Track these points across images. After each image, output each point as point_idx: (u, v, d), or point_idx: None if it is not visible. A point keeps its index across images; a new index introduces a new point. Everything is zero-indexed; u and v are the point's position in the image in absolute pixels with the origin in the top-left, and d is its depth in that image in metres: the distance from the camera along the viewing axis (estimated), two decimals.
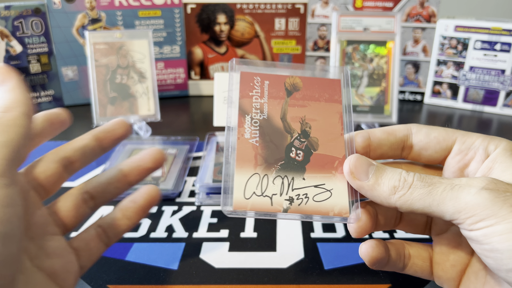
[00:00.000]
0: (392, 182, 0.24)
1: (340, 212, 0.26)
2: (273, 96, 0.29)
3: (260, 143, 0.27)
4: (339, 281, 0.36)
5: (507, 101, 0.77)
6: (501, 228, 0.21)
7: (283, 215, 0.26)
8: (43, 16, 0.74)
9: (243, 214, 0.26)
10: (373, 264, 0.27)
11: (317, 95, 0.30)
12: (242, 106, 0.28)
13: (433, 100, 0.83)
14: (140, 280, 0.36)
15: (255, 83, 0.29)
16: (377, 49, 0.67)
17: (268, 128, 0.28)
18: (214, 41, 0.83)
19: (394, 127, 0.28)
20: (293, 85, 0.30)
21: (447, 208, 0.22)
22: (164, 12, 0.79)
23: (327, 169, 0.27)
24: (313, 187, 0.26)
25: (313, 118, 0.29)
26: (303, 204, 0.26)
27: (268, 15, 0.81)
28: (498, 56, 0.75)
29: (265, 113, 0.28)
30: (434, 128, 0.28)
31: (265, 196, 0.26)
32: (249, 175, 0.26)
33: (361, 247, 0.27)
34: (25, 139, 0.22)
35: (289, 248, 0.41)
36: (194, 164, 0.57)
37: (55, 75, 0.78)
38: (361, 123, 0.68)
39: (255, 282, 0.36)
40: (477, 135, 0.26)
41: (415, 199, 0.23)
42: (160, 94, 0.84)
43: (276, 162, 0.27)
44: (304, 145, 0.28)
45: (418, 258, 0.29)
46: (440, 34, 0.78)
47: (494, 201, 0.21)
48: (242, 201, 0.25)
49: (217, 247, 0.41)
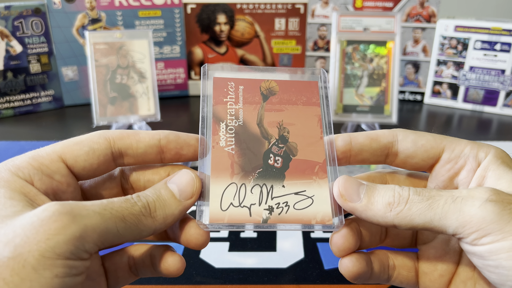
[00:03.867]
0: (386, 199, 0.23)
1: (322, 220, 0.25)
2: (249, 101, 0.28)
3: (236, 151, 0.26)
4: (339, 281, 0.36)
5: (507, 101, 0.77)
6: (508, 245, 0.20)
7: (264, 226, 0.24)
8: (43, 16, 0.74)
9: (219, 227, 0.24)
10: (354, 280, 0.26)
11: (294, 98, 0.29)
12: (216, 113, 0.27)
13: (433, 100, 0.83)
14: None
15: (229, 88, 0.28)
16: (377, 49, 0.67)
17: (244, 135, 0.27)
18: (214, 41, 0.83)
19: (379, 132, 0.27)
20: (269, 89, 0.29)
21: (450, 223, 0.21)
22: (164, 12, 0.79)
23: (308, 174, 0.26)
24: (294, 195, 0.25)
25: (291, 122, 0.28)
26: (283, 213, 0.25)
27: (268, 15, 0.81)
28: (498, 56, 0.75)
29: (240, 119, 0.27)
30: (421, 135, 0.26)
31: (243, 207, 0.24)
32: (225, 185, 0.25)
33: (340, 263, 0.26)
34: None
35: (289, 248, 0.41)
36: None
37: (55, 75, 0.78)
38: (361, 123, 0.68)
39: (255, 282, 0.36)
40: (466, 142, 0.26)
41: (415, 214, 0.22)
42: (160, 94, 0.84)
43: (254, 170, 0.26)
44: (282, 150, 0.27)
45: (403, 268, 0.27)
46: (440, 34, 0.78)
47: (500, 215, 0.20)
48: (218, 213, 0.24)
49: (217, 247, 0.41)
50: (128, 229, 0.21)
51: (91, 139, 0.24)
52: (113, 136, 0.25)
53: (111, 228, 0.20)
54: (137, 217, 0.22)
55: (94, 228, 0.19)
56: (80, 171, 0.24)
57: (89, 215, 0.20)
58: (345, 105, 0.67)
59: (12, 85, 0.75)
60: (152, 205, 0.23)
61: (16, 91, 0.75)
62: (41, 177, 0.22)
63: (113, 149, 0.25)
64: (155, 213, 0.22)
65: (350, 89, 0.67)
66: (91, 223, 0.19)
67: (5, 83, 0.74)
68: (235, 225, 0.24)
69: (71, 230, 0.19)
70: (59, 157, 0.23)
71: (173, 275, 0.26)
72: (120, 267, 0.26)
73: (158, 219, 0.23)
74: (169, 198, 0.23)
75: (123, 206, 0.21)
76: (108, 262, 0.26)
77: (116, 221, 0.20)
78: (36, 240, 0.18)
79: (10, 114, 0.76)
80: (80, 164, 0.24)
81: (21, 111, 0.77)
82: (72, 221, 0.19)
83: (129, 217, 0.21)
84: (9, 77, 0.74)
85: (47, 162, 0.23)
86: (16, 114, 0.76)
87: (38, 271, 0.18)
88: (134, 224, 0.21)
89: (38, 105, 0.78)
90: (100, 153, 0.24)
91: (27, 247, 0.18)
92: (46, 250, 0.18)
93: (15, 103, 0.76)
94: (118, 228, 0.20)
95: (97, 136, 0.24)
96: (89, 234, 0.19)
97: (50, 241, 0.18)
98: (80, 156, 0.24)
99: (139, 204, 0.22)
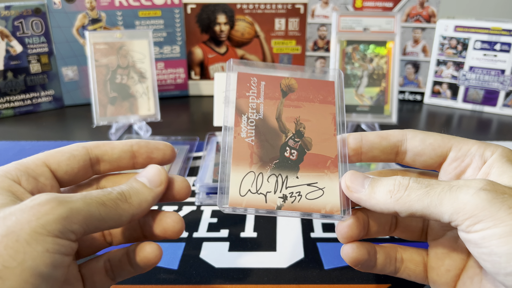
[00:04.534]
0: (387, 187, 0.25)
1: (331, 210, 0.27)
2: (269, 96, 0.30)
3: (256, 142, 0.28)
4: (339, 281, 0.37)
5: (507, 101, 0.77)
6: (499, 231, 0.21)
7: (277, 212, 0.26)
8: (43, 16, 0.74)
9: (238, 210, 0.26)
10: (355, 265, 0.27)
11: (312, 96, 0.30)
12: (238, 106, 0.29)
13: (433, 100, 0.83)
14: (140, 279, 0.36)
15: (251, 83, 0.30)
16: (377, 49, 0.67)
17: (263, 128, 0.29)
18: (214, 41, 0.83)
19: (389, 132, 0.28)
20: (289, 86, 0.30)
21: (446, 209, 0.22)
22: (164, 12, 0.79)
23: (320, 168, 0.28)
24: (306, 186, 0.27)
25: (307, 118, 0.30)
26: (296, 201, 0.27)
27: (268, 15, 0.81)
28: (498, 56, 0.75)
29: (261, 113, 0.29)
30: (430, 134, 0.28)
31: (260, 194, 0.27)
32: (244, 173, 0.27)
33: (342, 248, 0.28)
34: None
35: (289, 248, 0.41)
36: (194, 164, 0.57)
37: (55, 75, 0.78)
38: (361, 123, 0.68)
39: (255, 282, 0.36)
40: (473, 141, 0.26)
41: (413, 200, 0.23)
42: (160, 94, 0.84)
43: (271, 160, 0.28)
44: (298, 144, 0.29)
45: (411, 262, 0.29)
46: (440, 34, 0.78)
47: (492, 202, 0.21)
48: (237, 198, 0.26)
49: (217, 247, 0.41)
50: (108, 213, 0.23)
51: (71, 147, 0.27)
52: (91, 145, 0.28)
53: (93, 211, 0.22)
54: (115, 202, 0.24)
55: (78, 211, 0.21)
56: (63, 175, 0.26)
57: (73, 200, 0.22)
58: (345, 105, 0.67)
59: (12, 85, 0.75)
60: (127, 193, 0.25)
61: (16, 91, 0.75)
62: (28, 178, 0.24)
63: (91, 155, 0.27)
64: (130, 199, 0.25)
65: (350, 89, 0.67)
66: (76, 207, 0.21)
67: (5, 83, 0.74)
68: (252, 210, 0.26)
69: (59, 211, 0.20)
70: (43, 162, 0.25)
71: (152, 263, 0.27)
72: (96, 272, 0.27)
73: (134, 204, 0.25)
74: (141, 188, 0.26)
75: (101, 194, 0.23)
76: (84, 269, 0.27)
77: (98, 206, 0.23)
78: (27, 220, 0.20)
79: (10, 114, 0.76)
80: (63, 168, 0.26)
81: (21, 111, 0.77)
82: (58, 204, 0.21)
83: (108, 201, 0.23)
84: (9, 77, 0.74)
85: (32, 166, 0.25)
86: (16, 114, 0.76)
87: (31, 244, 0.19)
88: (114, 208, 0.23)
89: (38, 105, 0.78)
90: (79, 158, 0.27)
91: (19, 226, 0.19)
92: (37, 226, 0.20)
93: (15, 103, 0.76)
94: (100, 211, 0.22)
95: (76, 145, 0.27)
96: (74, 215, 0.21)
97: (40, 219, 0.20)
98: (63, 161, 0.26)
99: (114, 192, 0.24)
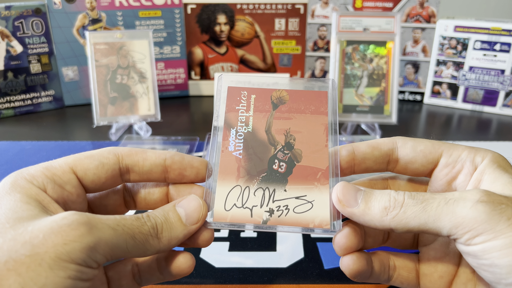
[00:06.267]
0: (383, 204, 0.24)
1: (320, 224, 0.26)
2: (259, 109, 0.29)
3: (244, 156, 0.28)
4: (339, 281, 0.37)
5: (507, 101, 0.77)
6: (500, 243, 0.21)
7: (261, 227, 0.26)
8: (44, 16, 0.74)
9: (221, 226, 0.26)
10: (354, 277, 0.27)
11: (303, 107, 0.30)
12: (227, 120, 0.29)
13: (432, 100, 0.83)
14: None
15: (241, 97, 0.30)
16: (377, 49, 0.67)
17: (252, 141, 0.28)
18: (214, 41, 0.83)
19: (379, 141, 0.28)
20: (279, 98, 0.30)
21: (444, 224, 0.22)
22: (164, 12, 0.79)
23: (310, 180, 0.27)
24: (294, 199, 0.27)
25: (298, 130, 0.29)
26: (283, 215, 0.26)
27: (268, 15, 0.81)
28: (498, 56, 0.75)
29: (250, 126, 0.29)
30: (420, 141, 0.27)
31: (245, 208, 0.26)
32: (230, 187, 0.27)
33: (341, 260, 0.26)
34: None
35: (289, 248, 0.41)
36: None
37: (56, 75, 0.78)
38: (361, 123, 0.68)
39: (255, 282, 0.36)
40: (463, 147, 0.26)
41: (410, 217, 0.23)
42: (160, 94, 0.84)
43: (259, 174, 0.27)
44: (287, 157, 0.28)
45: (403, 269, 0.28)
46: (439, 34, 0.78)
47: (490, 215, 0.21)
48: (222, 213, 0.26)
49: (217, 247, 0.41)
50: (136, 246, 0.22)
51: (101, 154, 0.26)
52: (122, 152, 0.26)
53: (121, 244, 0.21)
54: (145, 236, 0.23)
55: (106, 242, 0.21)
56: (89, 184, 0.25)
57: (104, 228, 0.21)
58: (345, 105, 0.67)
59: (13, 85, 0.75)
60: (160, 226, 0.24)
61: (16, 91, 0.75)
62: (54, 186, 0.23)
63: (121, 164, 0.26)
64: (161, 235, 0.24)
65: (350, 89, 0.67)
66: (105, 237, 0.21)
67: (5, 83, 0.74)
68: (236, 225, 0.26)
69: (87, 240, 0.20)
70: (70, 168, 0.25)
71: (184, 273, 0.27)
72: (124, 276, 0.26)
73: (163, 241, 0.24)
74: (175, 222, 0.25)
75: (134, 224, 0.23)
76: (111, 272, 0.26)
77: (127, 238, 0.22)
78: (53, 243, 0.19)
79: (11, 114, 0.76)
80: (90, 177, 0.25)
81: (22, 111, 0.77)
82: (88, 232, 0.20)
83: (138, 235, 0.22)
84: (10, 77, 0.74)
85: (59, 172, 0.24)
86: (17, 114, 0.77)
87: (54, 270, 0.19)
88: (142, 243, 0.23)
89: (39, 105, 0.78)
90: (108, 167, 0.25)
91: (44, 248, 0.19)
92: (62, 253, 0.19)
93: (15, 103, 0.76)
94: (127, 245, 0.22)
95: (107, 151, 0.26)
96: (101, 246, 0.20)
97: (67, 246, 0.19)
98: (90, 170, 0.25)
99: (148, 224, 0.23)
